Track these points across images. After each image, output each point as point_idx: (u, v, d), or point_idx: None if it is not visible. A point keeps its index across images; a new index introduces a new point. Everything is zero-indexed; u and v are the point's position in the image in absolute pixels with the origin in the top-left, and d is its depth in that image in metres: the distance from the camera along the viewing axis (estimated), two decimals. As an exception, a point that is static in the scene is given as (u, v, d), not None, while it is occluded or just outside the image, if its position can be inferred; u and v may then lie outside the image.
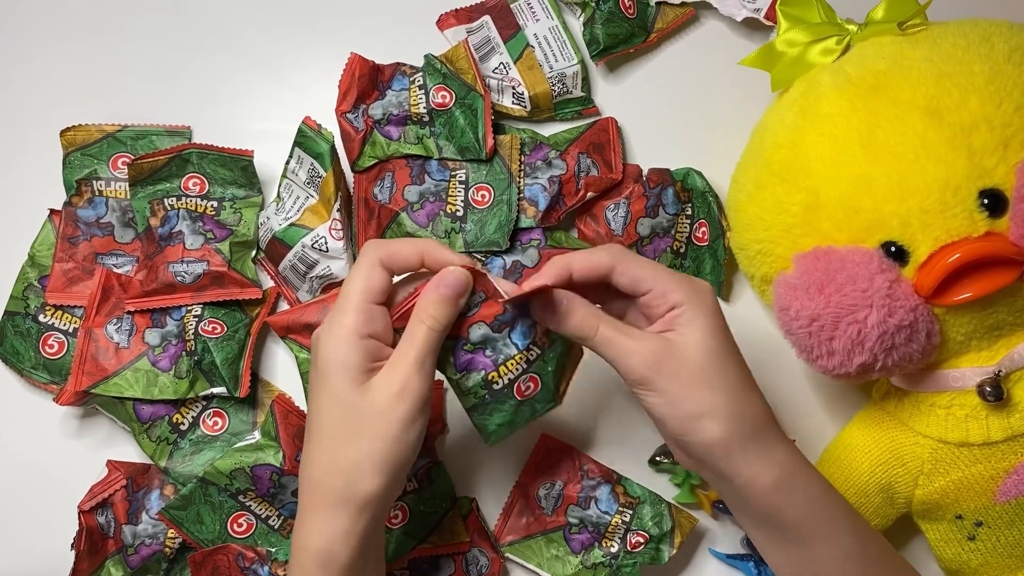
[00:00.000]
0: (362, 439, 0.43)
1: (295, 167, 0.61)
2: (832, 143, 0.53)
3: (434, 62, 0.62)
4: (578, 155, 0.63)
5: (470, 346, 0.47)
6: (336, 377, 0.44)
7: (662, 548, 0.59)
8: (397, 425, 0.43)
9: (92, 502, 0.57)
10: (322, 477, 0.44)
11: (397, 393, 0.43)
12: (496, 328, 0.47)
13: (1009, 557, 0.55)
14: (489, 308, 0.47)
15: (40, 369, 0.59)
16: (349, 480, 0.43)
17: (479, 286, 0.46)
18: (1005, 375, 0.52)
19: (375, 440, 0.43)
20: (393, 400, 0.43)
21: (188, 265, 0.59)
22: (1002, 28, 0.53)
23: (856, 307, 0.50)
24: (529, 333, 0.48)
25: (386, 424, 0.43)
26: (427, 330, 0.44)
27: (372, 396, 0.43)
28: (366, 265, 0.45)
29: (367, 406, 0.43)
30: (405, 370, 0.44)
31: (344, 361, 0.44)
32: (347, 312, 0.44)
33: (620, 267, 0.46)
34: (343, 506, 0.44)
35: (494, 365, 0.48)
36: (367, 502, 0.44)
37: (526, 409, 0.50)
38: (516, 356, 0.48)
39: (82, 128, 0.62)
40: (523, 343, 0.48)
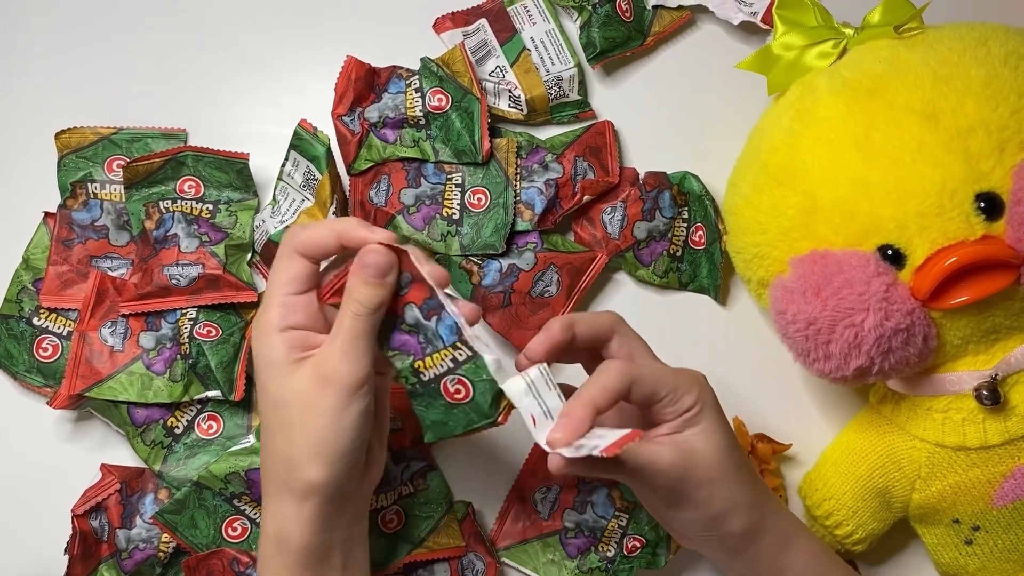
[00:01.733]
0: (292, 430, 0.43)
1: (291, 170, 0.61)
2: (829, 147, 0.53)
3: (430, 65, 0.62)
4: (574, 158, 0.63)
5: (405, 327, 0.45)
6: (263, 373, 0.44)
7: (659, 553, 0.59)
8: (326, 415, 0.43)
9: (86, 506, 0.57)
10: (269, 466, 0.45)
11: (320, 382, 0.43)
12: (425, 314, 0.45)
13: (1006, 561, 0.55)
14: (418, 291, 0.45)
15: (34, 372, 0.59)
16: (289, 469, 0.44)
17: (404, 266, 0.45)
18: (1002, 379, 0.52)
19: (304, 431, 0.43)
20: (316, 389, 0.43)
21: (183, 268, 0.58)
22: (998, 32, 0.53)
23: (853, 310, 0.49)
24: (454, 330, 0.45)
25: (314, 415, 0.43)
26: (352, 315, 0.43)
27: (295, 386, 0.43)
28: (283, 256, 0.45)
29: (293, 398, 0.43)
30: (328, 358, 0.43)
31: (268, 357, 0.44)
32: (267, 307, 0.45)
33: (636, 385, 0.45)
34: (288, 493, 0.44)
35: (422, 353, 0.46)
36: (310, 490, 0.43)
37: (459, 415, 0.46)
38: (442, 351, 0.45)
39: (77, 131, 0.61)
40: (448, 339, 0.45)
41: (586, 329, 0.47)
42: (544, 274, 0.61)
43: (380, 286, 0.44)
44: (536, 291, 0.61)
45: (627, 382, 0.44)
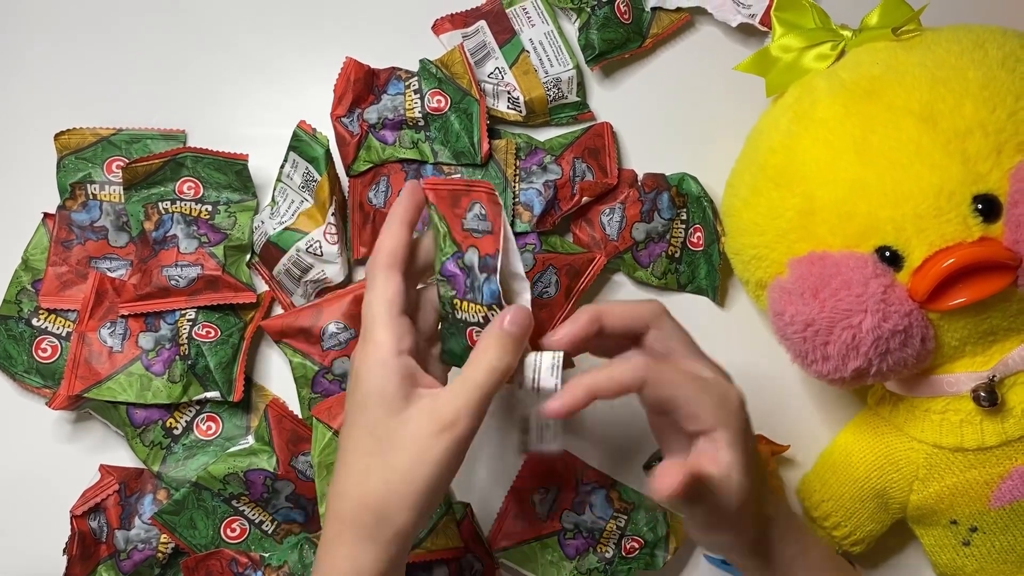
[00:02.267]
0: (395, 474, 0.41)
1: (290, 171, 0.61)
2: (827, 148, 0.53)
3: (429, 67, 0.62)
4: (573, 160, 0.63)
5: (462, 263, 0.44)
6: (375, 407, 0.41)
7: (657, 553, 0.59)
8: (436, 466, 0.41)
9: (85, 507, 0.57)
10: (352, 511, 0.42)
11: (438, 430, 0.41)
12: (481, 266, 0.43)
13: (1004, 563, 0.55)
14: (489, 242, 0.43)
15: (33, 373, 0.59)
16: (379, 517, 0.41)
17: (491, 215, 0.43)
18: (999, 380, 0.52)
19: (409, 479, 0.41)
20: (432, 437, 0.41)
21: (182, 269, 0.58)
22: (995, 34, 0.53)
23: (851, 312, 0.50)
24: (495, 296, 0.44)
25: (423, 463, 0.41)
26: (490, 370, 0.41)
27: (409, 430, 0.41)
28: (378, 272, 0.43)
29: (403, 441, 0.41)
30: (452, 408, 0.41)
31: (380, 387, 0.41)
32: (375, 329, 0.42)
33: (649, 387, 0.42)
34: (371, 542, 0.42)
35: (463, 295, 0.45)
36: (395, 538, 0.42)
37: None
38: (479, 304, 0.44)
39: (76, 132, 0.61)
40: (487, 300, 0.44)
41: (616, 322, 0.45)
42: (543, 275, 0.61)
43: (520, 345, 0.43)
44: (535, 292, 0.61)
45: (638, 380, 0.42)
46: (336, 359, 0.59)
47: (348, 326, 0.59)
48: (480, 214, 0.43)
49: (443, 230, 0.44)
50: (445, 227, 0.44)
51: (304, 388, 0.60)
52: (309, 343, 0.60)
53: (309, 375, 0.60)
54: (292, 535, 0.59)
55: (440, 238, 0.44)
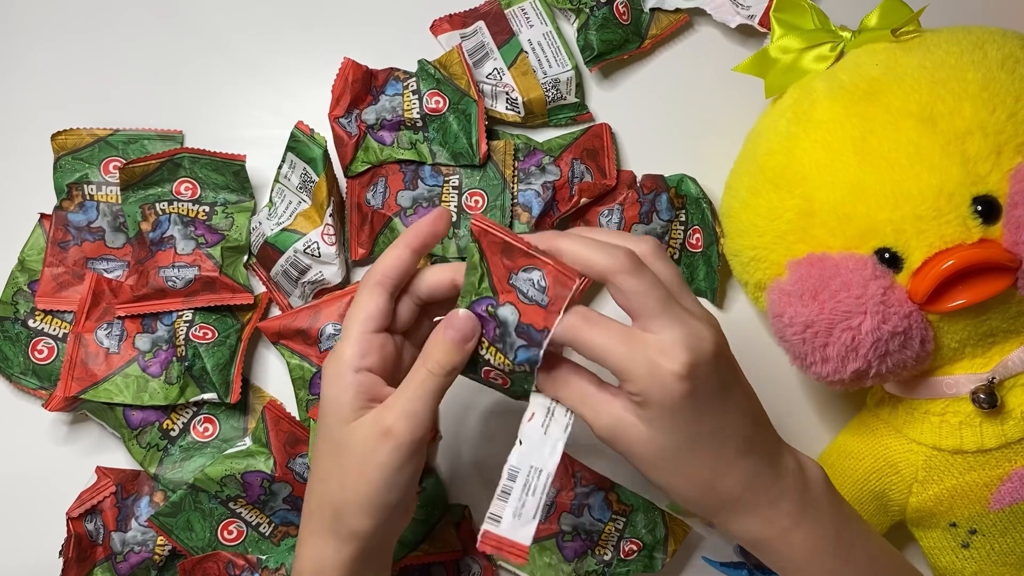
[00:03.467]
0: (347, 478, 0.43)
1: (287, 172, 0.61)
2: (826, 150, 0.53)
3: (428, 67, 0.62)
4: (572, 161, 0.63)
5: (492, 311, 0.43)
6: (329, 412, 0.43)
7: (655, 556, 0.59)
8: (380, 470, 0.42)
9: (81, 509, 0.57)
10: (315, 508, 0.45)
11: (380, 434, 0.42)
12: (518, 331, 0.43)
13: (1003, 565, 0.54)
14: (535, 314, 0.42)
15: (29, 374, 0.59)
16: (337, 515, 0.43)
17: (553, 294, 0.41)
18: (999, 382, 0.52)
19: (359, 483, 0.42)
20: (376, 441, 0.42)
21: (179, 270, 0.58)
22: (995, 35, 0.53)
23: (850, 314, 0.49)
24: (531, 363, 0.43)
25: (369, 468, 0.42)
26: (426, 374, 0.42)
27: (356, 436, 0.42)
28: (365, 288, 0.44)
29: (352, 447, 0.42)
30: (391, 412, 0.42)
31: (337, 398, 0.43)
32: (344, 342, 0.43)
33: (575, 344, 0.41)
34: (331, 536, 0.44)
35: (491, 342, 0.44)
36: (352, 537, 0.43)
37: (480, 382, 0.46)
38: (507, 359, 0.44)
39: (73, 132, 0.61)
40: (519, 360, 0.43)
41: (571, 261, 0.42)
42: (541, 277, 0.61)
43: (460, 352, 0.43)
44: (533, 294, 0.61)
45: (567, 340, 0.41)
46: (334, 360, 0.59)
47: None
48: (538, 284, 0.42)
49: (481, 271, 0.43)
50: (486, 268, 0.43)
51: (302, 390, 0.60)
52: (307, 344, 0.59)
53: (307, 376, 0.59)
54: (289, 537, 0.58)
55: (476, 276, 0.43)
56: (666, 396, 0.40)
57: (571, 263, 0.41)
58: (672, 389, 0.39)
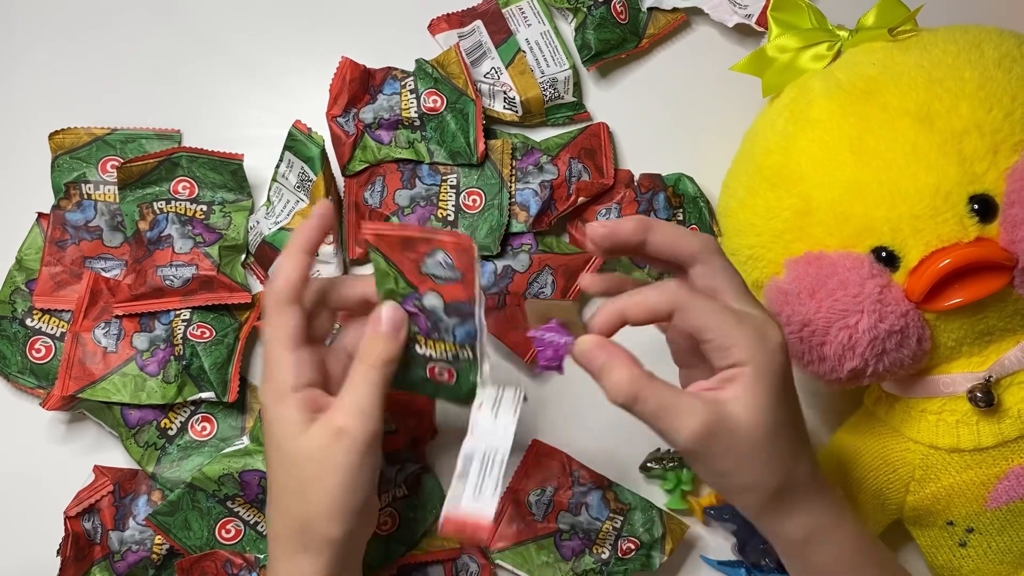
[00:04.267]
0: (309, 490, 0.43)
1: (285, 171, 0.61)
2: (823, 149, 0.53)
3: (425, 66, 0.62)
4: (569, 160, 0.63)
5: (419, 303, 0.45)
6: (277, 434, 0.43)
7: (653, 555, 0.59)
8: (339, 473, 0.42)
9: (78, 508, 0.57)
10: (281, 530, 0.45)
11: (333, 437, 0.42)
12: (448, 311, 0.44)
13: (1000, 563, 0.55)
14: (457, 289, 0.44)
15: (27, 373, 0.59)
16: (304, 528, 0.43)
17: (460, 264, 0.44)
18: (996, 381, 0.52)
19: (321, 491, 0.43)
20: (330, 445, 0.42)
21: (177, 269, 0.58)
22: (992, 34, 0.53)
23: (847, 312, 0.49)
24: (472, 335, 0.45)
25: (329, 470, 0.42)
26: (366, 368, 0.43)
27: (309, 445, 0.42)
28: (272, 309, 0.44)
29: (307, 456, 0.42)
30: (341, 413, 0.43)
31: (282, 418, 0.43)
32: (275, 367, 0.44)
33: (680, 313, 0.41)
34: (303, 551, 0.44)
35: (425, 334, 0.46)
36: (327, 546, 0.43)
37: (431, 386, 0.47)
38: (447, 343, 0.45)
39: (71, 131, 0.61)
40: (460, 339, 0.45)
41: (661, 241, 0.43)
42: (539, 276, 0.61)
43: (395, 340, 0.44)
44: (531, 292, 0.61)
45: (669, 305, 0.41)
46: (331, 359, 0.59)
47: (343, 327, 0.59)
48: (445, 262, 0.44)
49: (392, 273, 0.45)
50: (395, 269, 0.45)
51: (299, 389, 0.60)
52: (304, 343, 0.59)
53: (304, 376, 0.59)
54: (287, 536, 0.58)
55: (391, 280, 0.45)
56: (773, 364, 0.41)
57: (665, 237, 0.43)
58: (778, 358, 0.41)
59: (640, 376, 0.41)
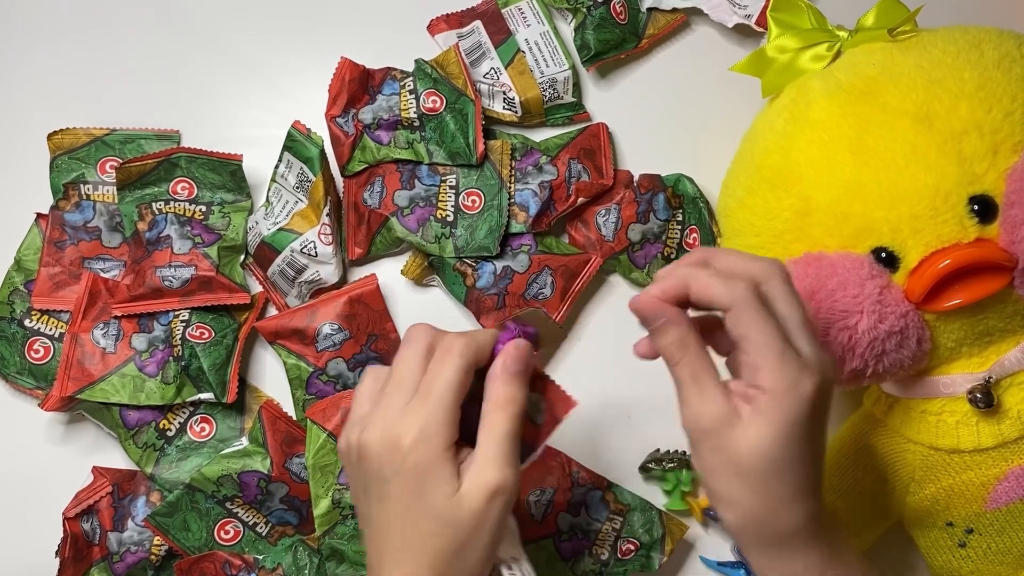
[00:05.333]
0: (467, 551, 0.41)
1: (284, 171, 0.61)
2: (822, 149, 0.53)
3: (425, 67, 0.62)
4: (569, 160, 0.63)
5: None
6: (435, 494, 0.41)
7: (652, 555, 0.59)
8: (495, 531, 0.42)
9: (77, 509, 0.57)
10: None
11: (489, 499, 0.41)
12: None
13: (1000, 564, 0.54)
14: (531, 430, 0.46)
15: (25, 374, 0.59)
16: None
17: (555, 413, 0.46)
18: (995, 381, 0.52)
19: (480, 550, 0.42)
20: (487, 504, 0.41)
21: (176, 270, 0.58)
22: (991, 35, 0.53)
23: (847, 313, 0.49)
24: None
25: (485, 533, 0.41)
26: (504, 419, 0.42)
27: (470, 508, 0.41)
28: (460, 368, 0.42)
29: (468, 515, 0.41)
30: (490, 471, 0.41)
31: (439, 477, 0.41)
32: (443, 424, 0.41)
33: (734, 313, 0.41)
34: None
35: None
36: None
37: None
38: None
39: (70, 132, 0.61)
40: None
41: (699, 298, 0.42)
42: (538, 276, 0.61)
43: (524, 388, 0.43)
44: (530, 293, 0.61)
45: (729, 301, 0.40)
46: (330, 360, 0.59)
47: (342, 327, 0.59)
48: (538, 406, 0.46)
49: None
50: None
51: (298, 389, 0.60)
52: (303, 344, 0.59)
53: (303, 376, 0.59)
54: (286, 537, 0.58)
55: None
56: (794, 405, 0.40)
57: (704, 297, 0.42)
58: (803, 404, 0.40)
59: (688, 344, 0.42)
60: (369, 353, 0.60)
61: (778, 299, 0.42)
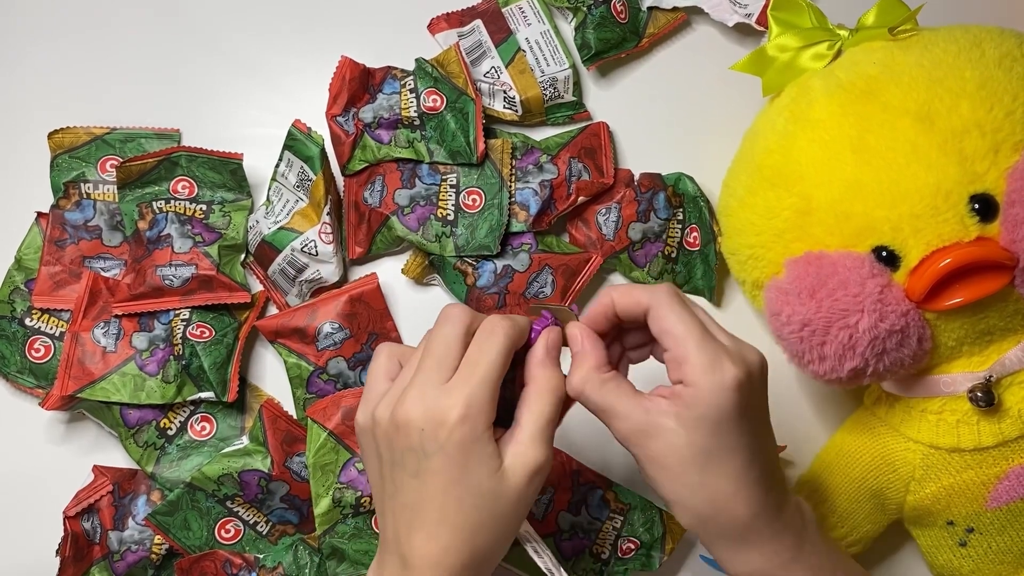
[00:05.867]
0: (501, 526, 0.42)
1: (285, 170, 0.61)
2: (823, 148, 0.53)
3: (425, 66, 0.62)
4: (569, 159, 0.63)
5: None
6: (479, 469, 0.41)
7: (653, 554, 0.59)
8: (527, 507, 0.43)
9: (78, 508, 0.57)
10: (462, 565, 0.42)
11: (530, 477, 0.42)
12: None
13: (1000, 563, 0.54)
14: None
15: (26, 373, 0.59)
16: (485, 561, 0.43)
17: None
18: (996, 380, 0.52)
19: (511, 527, 0.43)
20: (528, 486, 0.42)
21: (176, 269, 0.58)
22: (992, 34, 0.53)
23: (847, 312, 0.49)
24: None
25: (522, 508, 0.43)
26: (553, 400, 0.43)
27: (513, 481, 0.42)
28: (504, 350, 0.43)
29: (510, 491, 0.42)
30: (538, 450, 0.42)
31: (483, 453, 0.42)
32: (487, 401, 0.42)
33: (654, 311, 0.43)
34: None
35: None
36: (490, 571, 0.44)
37: None
38: None
39: (70, 130, 0.61)
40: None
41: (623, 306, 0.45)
42: (539, 275, 0.61)
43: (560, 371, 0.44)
44: (531, 292, 0.61)
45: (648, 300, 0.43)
46: (331, 359, 0.59)
47: (343, 326, 0.59)
48: None
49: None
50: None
51: (299, 388, 0.60)
52: (304, 343, 0.59)
53: (304, 375, 0.59)
54: (287, 536, 0.58)
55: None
56: (719, 395, 0.41)
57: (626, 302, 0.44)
58: (729, 394, 0.41)
59: (591, 377, 0.44)
60: (369, 352, 0.60)
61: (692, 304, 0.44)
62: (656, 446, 0.42)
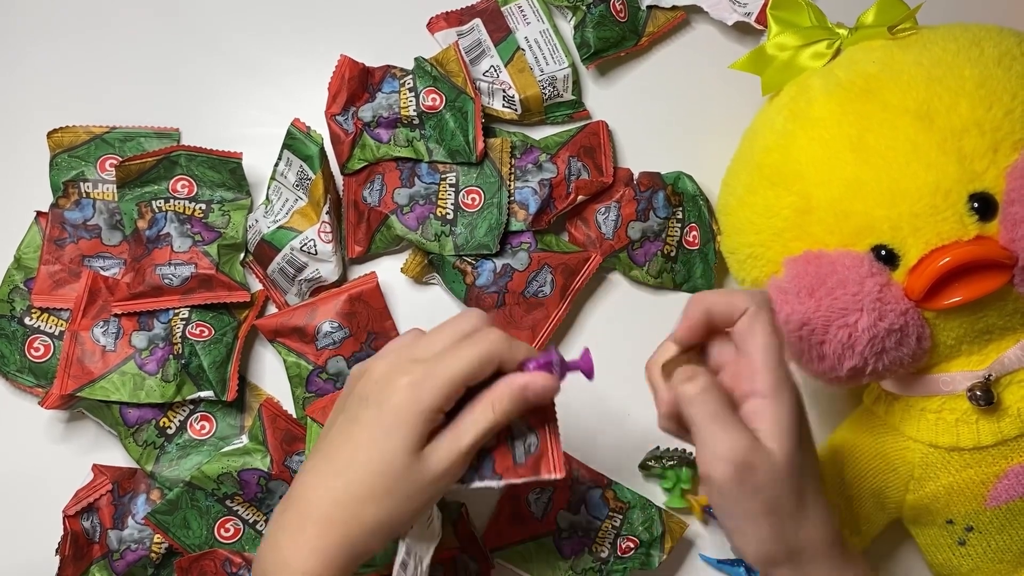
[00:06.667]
0: (391, 501, 0.43)
1: (284, 169, 0.61)
2: (823, 147, 0.53)
3: (424, 65, 0.62)
4: (568, 158, 0.63)
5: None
6: (399, 439, 0.43)
7: (652, 553, 0.59)
8: (428, 501, 0.44)
9: (77, 507, 0.57)
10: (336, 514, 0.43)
11: (444, 472, 0.43)
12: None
13: (1000, 562, 0.54)
14: (505, 459, 0.46)
15: (25, 372, 0.59)
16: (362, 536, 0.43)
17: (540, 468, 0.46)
18: (995, 379, 0.52)
19: (404, 506, 0.43)
20: (439, 477, 0.43)
21: (175, 268, 0.58)
22: (992, 32, 0.53)
23: (846, 311, 0.49)
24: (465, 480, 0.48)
25: (423, 497, 0.43)
26: (493, 422, 0.44)
27: (423, 468, 0.43)
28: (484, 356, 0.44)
29: (415, 476, 0.43)
30: (458, 452, 0.43)
31: (413, 430, 0.43)
32: (440, 388, 0.43)
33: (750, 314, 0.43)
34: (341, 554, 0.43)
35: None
36: (362, 558, 0.44)
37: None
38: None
39: (70, 130, 0.61)
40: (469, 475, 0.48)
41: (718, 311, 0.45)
42: (538, 274, 0.61)
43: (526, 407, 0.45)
44: (530, 291, 0.61)
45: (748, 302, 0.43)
46: (330, 358, 0.59)
47: (342, 325, 0.59)
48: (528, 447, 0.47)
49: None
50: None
51: (298, 387, 0.60)
52: (303, 342, 0.59)
53: (303, 374, 0.59)
54: (286, 535, 0.58)
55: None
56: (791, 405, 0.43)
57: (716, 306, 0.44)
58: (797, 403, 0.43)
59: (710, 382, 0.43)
60: (369, 351, 0.60)
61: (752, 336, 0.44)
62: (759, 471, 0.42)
